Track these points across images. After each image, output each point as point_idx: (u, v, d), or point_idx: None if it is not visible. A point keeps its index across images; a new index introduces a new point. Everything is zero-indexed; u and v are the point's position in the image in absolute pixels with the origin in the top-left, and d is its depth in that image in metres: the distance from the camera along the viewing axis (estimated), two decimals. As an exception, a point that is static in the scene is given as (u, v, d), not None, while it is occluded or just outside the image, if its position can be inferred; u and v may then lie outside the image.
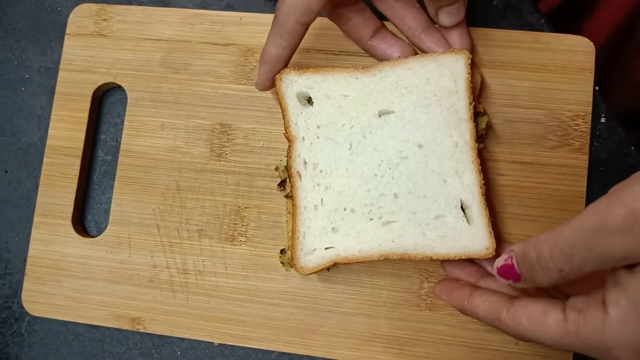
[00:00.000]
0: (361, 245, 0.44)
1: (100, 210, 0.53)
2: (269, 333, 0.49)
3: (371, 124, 0.45)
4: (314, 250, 0.44)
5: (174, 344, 0.51)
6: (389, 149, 0.45)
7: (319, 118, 0.46)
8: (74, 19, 0.54)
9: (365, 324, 0.48)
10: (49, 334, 0.52)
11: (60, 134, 0.53)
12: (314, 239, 0.44)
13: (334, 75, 0.46)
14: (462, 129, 0.45)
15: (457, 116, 0.45)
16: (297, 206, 0.45)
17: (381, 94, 0.46)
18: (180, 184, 0.51)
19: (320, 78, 0.46)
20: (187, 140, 0.51)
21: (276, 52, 0.44)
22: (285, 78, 0.46)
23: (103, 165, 0.54)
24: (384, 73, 0.46)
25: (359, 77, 0.46)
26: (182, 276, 0.50)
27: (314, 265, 0.44)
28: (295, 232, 0.45)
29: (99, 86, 0.53)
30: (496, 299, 0.39)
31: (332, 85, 0.46)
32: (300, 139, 0.46)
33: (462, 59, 0.45)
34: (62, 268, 0.51)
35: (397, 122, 0.45)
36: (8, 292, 0.54)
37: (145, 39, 0.53)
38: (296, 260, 0.44)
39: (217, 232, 0.50)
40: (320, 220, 0.45)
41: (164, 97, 0.52)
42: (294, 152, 0.46)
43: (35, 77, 0.56)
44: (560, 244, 0.33)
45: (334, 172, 0.45)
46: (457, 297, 0.42)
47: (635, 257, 0.31)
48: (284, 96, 0.46)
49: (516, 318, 0.37)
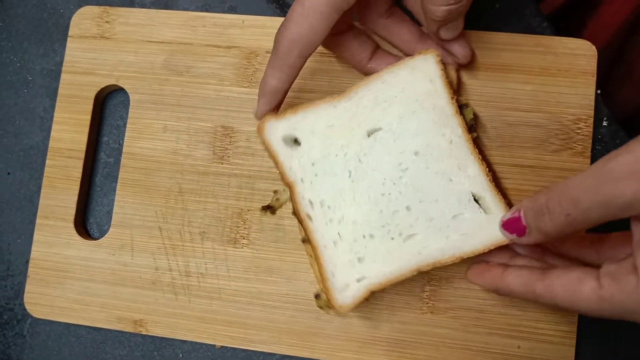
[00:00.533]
0: (391, 267, 0.43)
1: (103, 213, 0.54)
2: (271, 336, 0.49)
3: (363, 146, 0.45)
4: (347, 286, 0.44)
5: (176, 346, 0.51)
6: (387, 165, 0.45)
7: (310, 155, 0.45)
8: (76, 21, 0.54)
9: (366, 327, 0.48)
10: (51, 335, 0.53)
11: (62, 136, 0.53)
12: (344, 275, 0.44)
13: (313, 110, 0.46)
14: (451, 125, 0.45)
15: (443, 114, 0.45)
16: (317, 247, 0.44)
17: (363, 114, 0.45)
18: (182, 187, 0.51)
19: (300, 117, 0.46)
20: (189, 143, 0.52)
21: (277, 84, 0.44)
22: (267, 127, 0.45)
23: (105, 167, 0.54)
24: (361, 93, 0.46)
25: (338, 105, 0.46)
26: (184, 278, 0.50)
27: (351, 301, 0.43)
28: (323, 274, 0.44)
29: (101, 88, 0.53)
30: (528, 273, 0.40)
31: (314, 120, 0.46)
32: (299, 182, 0.45)
33: (432, 58, 0.46)
34: (65, 270, 0.51)
35: (388, 137, 0.45)
36: (10, 294, 0.54)
37: (148, 42, 0.53)
38: (334, 301, 0.43)
39: (219, 235, 0.50)
40: (344, 255, 0.44)
41: (166, 100, 0.52)
42: (298, 196, 0.45)
43: (37, 79, 0.56)
44: (569, 189, 0.35)
45: (342, 204, 0.45)
46: (490, 277, 0.43)
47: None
48: (270, 144, 0.45)
49: (551, 289, 0.38)
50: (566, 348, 0.46)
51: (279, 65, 0.43)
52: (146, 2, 0.55)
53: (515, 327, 0.46)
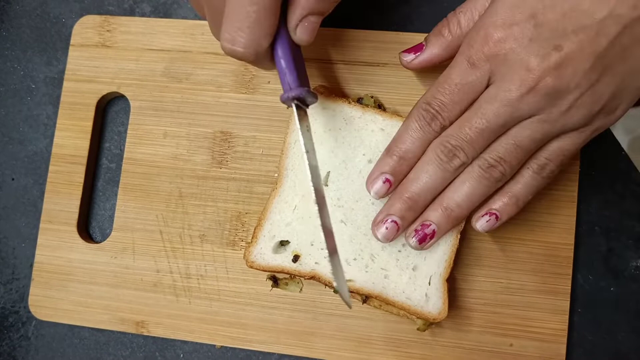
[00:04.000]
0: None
1: (105, 217, 0.55)
2: (269, 335, 0.50)
3: (330, 197, 0.47)
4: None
5: (177, 347, 0.52)
6: (351, 196, 0.46)
7: (302, 246, 0.47)
8: (78, 30, 0.55)
9: (362, 327, 0.49)
10: (55, 337, 0.54)
11: (65, 142, 0.54)
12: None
13: (276, 216, 0.47)
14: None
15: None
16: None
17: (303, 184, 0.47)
18: (182, 191, 0.52)
19: (266, 229, 0.47)
20: (189, 148, 0.53)
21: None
22: (255, 260, 0.47)
23: (107, 172, 0.55)
24: (290, 182, 0.47)
25: (282, 193, 0.47)
26: (184, 280, 0.51)
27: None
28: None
29: (103, 96, 0.54)
30: None
31: (280, 219, 0.47)
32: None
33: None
34: (68, 273, 0.53)
35: (338, 174, 0.47)
36: (15, 296, 0.55)
37: (148, 50, 0.54)
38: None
39: (218, 238, 0.51)
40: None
41: (166, 106, 0.53)
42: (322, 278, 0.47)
43: (41, 87, 0.57)
44: None
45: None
46: None
47: None
48: (272, 268, 0.47)
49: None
50: (558, 345, 0.47)
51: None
52: (146, 11, 0.57)
53: (507, 325, 0.48)
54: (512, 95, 0.37)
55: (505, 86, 0.37)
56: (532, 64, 0.36)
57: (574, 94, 0.37)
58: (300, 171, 0.46)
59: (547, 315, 0.47)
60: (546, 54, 0.36)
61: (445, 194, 0.42)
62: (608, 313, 0.48)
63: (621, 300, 0.48)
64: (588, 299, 0.48)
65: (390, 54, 0.50)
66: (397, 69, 0.50)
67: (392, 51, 0.50)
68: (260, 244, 0.46)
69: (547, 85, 0.36)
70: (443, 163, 0.40)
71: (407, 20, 0.52)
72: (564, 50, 0.36)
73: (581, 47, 0.36)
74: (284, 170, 0.47)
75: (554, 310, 0.47)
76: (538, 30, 0.36)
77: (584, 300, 0.48)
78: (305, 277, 0.45)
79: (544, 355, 0.47)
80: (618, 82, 0.37)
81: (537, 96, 0.37)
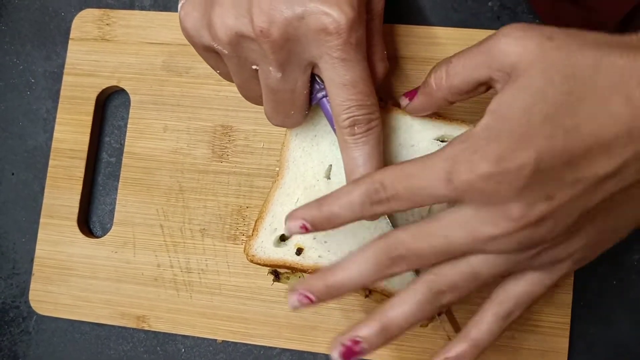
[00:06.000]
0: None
1: (105, 211, 0.55)
2: (271, 330, 0.50)
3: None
4: None
5: (178, 342, 0.52)
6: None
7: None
8: (77, 24, 0.55)
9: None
10: (56, 332, 0.54)
11: (65, 136, 0.54)
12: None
13: (278, 208, 0.46)
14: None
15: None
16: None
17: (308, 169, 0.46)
18: (183, 185, 0.52)
19: (267, 221, 0.46)
20: (189, 142, 0.53)
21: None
22: (256, 254, 0.46)
23: (107, 167, 0.55)
24: (291, 174, 0.46)
25: (284, 184, 0.46)
26: (185, 275, 0.51)
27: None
28: None
29: (102, 90, 0.54)
30: None
31: (281, 212, 0.46)
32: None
33: None
34: (69, 268, 0.53)
35: (338, 172, 0.45)
36: (16, 291, 0.55)
37: (148, 43, 0.54)
38: None
39: (219, 232, 0.51)
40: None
41: (166, 100, 0.53)
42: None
43: (40, 81, 0.57)
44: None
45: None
46: None
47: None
48: (273, 262, 0.46)
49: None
50: (560, 339, 0.47)
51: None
52: (146, 5, 0.56)
53: (509, 318, 0.47)
54: (482, 234, 0.33)
55: (477, 220, 0.33)
56: (514, 214, 0.32)
57: (546, 245, 0.34)
58: (302, 163, 0.46)
59: (549, 308, 0.47)
60: (534, 203, 0.31)
61: (390, 307, 0.36)
62: (611, 306, 0.48)
63: (624, 292, 0.48)
64: (590, 291, 0.48)
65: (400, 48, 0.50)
66: (404, 63, 0.50)
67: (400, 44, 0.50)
68: (262, 236, 0.46)
69: (523, 236, 0.33)
70: (382, 267, 0.35)
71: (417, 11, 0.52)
72: (554, 202, 0.31)
73: (572, 200, 0.32)
74: (286, 162, 0.46)
75: (556, 303, 0.47)
76: (535, 177, 0.31)
77: (586, 293, 0.48)
78: (308, 270, 0.45)
79: (546, 348, 0.47)
80: (594, 236, 0.35)
81: (508, 243, 0.33)
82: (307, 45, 0.37)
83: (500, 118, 0.32)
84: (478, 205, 0.33)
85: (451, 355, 0.37)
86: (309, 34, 0.36)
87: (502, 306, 0.37)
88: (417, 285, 0.36)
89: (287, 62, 0.38)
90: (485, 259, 0.35)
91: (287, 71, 0.38)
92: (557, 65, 0.31)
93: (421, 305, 0.35)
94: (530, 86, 0.32)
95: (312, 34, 0.36)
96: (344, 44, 0.36)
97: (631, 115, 0.30)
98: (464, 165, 0.32)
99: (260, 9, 0.36)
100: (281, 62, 0.37)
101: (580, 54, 0.31)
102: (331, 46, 0.36)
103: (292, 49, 0.37)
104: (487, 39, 0.35)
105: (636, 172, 0.32)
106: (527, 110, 0.31)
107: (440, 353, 0.37)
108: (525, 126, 0.31)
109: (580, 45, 0.32)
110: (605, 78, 0.31)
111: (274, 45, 0.36)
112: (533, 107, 0.31)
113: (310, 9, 0.36)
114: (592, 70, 0.31)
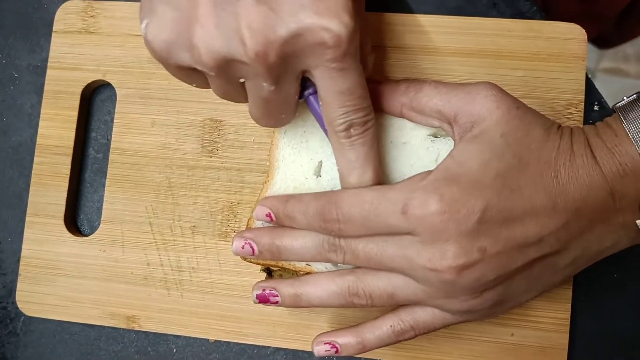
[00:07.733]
0: None
1: (93, 209, 0.53)
2: (265, 329, 0.49)
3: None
4: None
5: (170, 342, 0.51)
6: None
7: None
8: (61, 16, 0.53)
9: (359, 318, 0.47)
10: (45, 333, 0.52)
11: (50, 132, 0.53)
12: None
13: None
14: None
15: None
16: None
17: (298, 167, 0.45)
18: (172, 181, 0.51)
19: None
20: (178, 137, 0.51)
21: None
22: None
23: (94, 163, 0.54)
24: (281, 173, 0.45)
25: (275, 179, 0.45)
26: (176, 273, 0.50)
27: None
28: None
29: (88, 84, 0.53)
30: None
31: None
32: None
33: None
34: (56, 267, 0.51)
35: (329, 169, 0.44)
36: (2, 292, 0.54)
37: (134, 35, 0.52)
38: None
39: (210, 229, 0.50)
40: None
41: (153, 94, 0.52)
42: None
43: (24, 75, 0.55)
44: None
45: None
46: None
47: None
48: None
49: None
50: (560, 335, 0.46)
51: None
52: (131, -5, 0.55)
53: (508, 315, 0.46)
54: (415, 262, 0.36)
55: (416, 249, 0.36)
56: (449, 255, 0.35)
57: (463, 293, 0.36)
58: (292, 161, 0.45)
59: (548, 304, 0.46)
60: (468, 251, 0.35)
61: (306, 282, 0.41)
62: (611, 300, 0.47)
63: (625, 287, 0.47)
64: (591, 286, 0.47)
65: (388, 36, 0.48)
66: (396, 52, 0.48)
67: (389, 33, 0.48)
68: None
69: (449, 278, 0.35)
70: (324, 251, 0.39)
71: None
72: (485, 255, 0.35)
73: (499, 257, 0.35)
74: (275, 161, 0.45)
75: (556, 299, 0.46)
76: (479, 225, 0.34)
77: (586, 288, 0.47)
78: (299, 270, 0.43)
79: (546, 344, 0.46)
80: (505, 296, 0.38)
81: (434, 278, 0.36)
82: (303, 58, 0.34)
83: (460, 164, 0.35)
84: (424, 238, 0.35)
85: (340, 342, 0.41)
86: (306, 49, 0.34)
87: (401, 324, 0.40)
88: (337, 278, 0.39)
89: (281, 76, 0.35)
90: (406, 283, 0.37)
91: (281, 83, 0.36)
92: (516, 132, 0.36)
93: (334, 295, 0.39)
94: (491, 144, 0.36)
95: (309, 47, 0.33)
96: (343, 54, 0.34)
97: (557, 190, 0.35)
98: (420, 201, 0.35)
99: (251, 29, 0.32)
100: (275, 78, 0.35)
101: (533, 128, 0.36)
102: (329, 58, 0.34)
103: (287, 63, 0.34)
104: (467, 85, 0.38)
105: (556, 242, 0.36)
106: (484, 163, 0.35)
107: (332, 334, 0.41)
108: (480, 177, 0.35)
109: (535, 121, 0.37)
110: (546, 153, 0.36)
111: (271, 67, 0.33)
112: (490, 162, 0.35)
113: (306, 25, 0.32)
114: (540, 144, 0.36)
